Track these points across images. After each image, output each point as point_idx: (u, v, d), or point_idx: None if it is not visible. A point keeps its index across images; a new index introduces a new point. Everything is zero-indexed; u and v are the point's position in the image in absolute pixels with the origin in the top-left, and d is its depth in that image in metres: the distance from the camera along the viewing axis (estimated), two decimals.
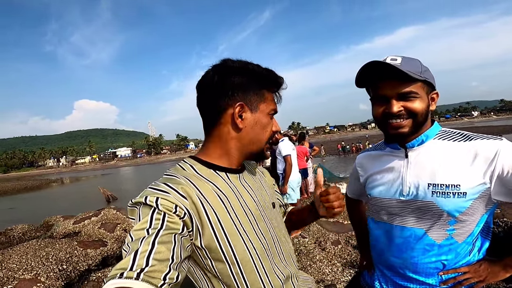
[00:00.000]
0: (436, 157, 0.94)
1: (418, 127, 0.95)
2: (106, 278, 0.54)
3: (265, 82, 0.85)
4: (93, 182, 33.64)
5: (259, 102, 0.83)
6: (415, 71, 0.89)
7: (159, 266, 0.56)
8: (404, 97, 0.91)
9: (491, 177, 0.87)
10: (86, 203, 14.17)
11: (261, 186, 0.95)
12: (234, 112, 0.80)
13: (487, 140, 0.89)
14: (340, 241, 3.92)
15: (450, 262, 0.96)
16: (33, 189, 33.73)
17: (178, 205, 0.67)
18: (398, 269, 1.04)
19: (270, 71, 0.86)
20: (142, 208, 0.67)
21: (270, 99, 0.87)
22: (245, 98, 0.81)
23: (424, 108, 0.92)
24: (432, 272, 0.98)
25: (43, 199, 22.01)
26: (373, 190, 1.09)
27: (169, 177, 0.75)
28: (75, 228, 5.33)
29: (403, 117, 0.93)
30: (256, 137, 0.84)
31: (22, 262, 3.17)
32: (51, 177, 61.77)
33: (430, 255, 0.96)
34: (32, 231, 6.03)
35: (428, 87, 0.94)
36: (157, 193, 0.67)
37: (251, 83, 0.82)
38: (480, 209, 0.91)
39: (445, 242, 0.94)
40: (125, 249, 0.60)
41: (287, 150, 4.12)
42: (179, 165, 0.83)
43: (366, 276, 1.23)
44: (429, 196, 0.92)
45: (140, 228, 0.62)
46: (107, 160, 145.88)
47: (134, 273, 0.53)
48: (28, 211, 14.96)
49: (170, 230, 0.63)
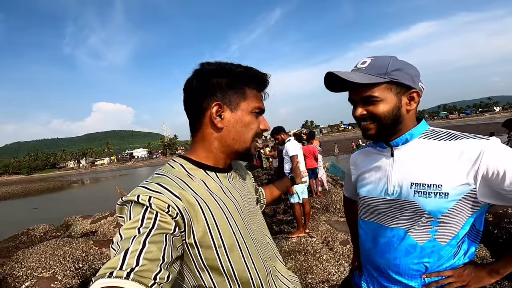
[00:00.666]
0: (420, 156, 0.93)
1: (386, 129, 0.95)
2: (94, 277, 0.53)
3: (245, 79, 0.84)
4: (111, 182, 34.53)
5: (240, 101, 0.83)
6: (378, 74, 0.90)
7: (149, 265, 0.55)
8: (367, 101, 0.93)
9: (475, 178, 0.84)
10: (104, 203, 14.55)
11: (247, 185, 0.99)
12: (211, 112, 0.81)
13: (473, 139, 0.87)
14: (349, 241, 3.90)
15: (433, 264, 0.94)
16: (55, 190, 34.95)
17: (171, 204, 0.66)
18: (383, 269, 1.03)
19: (248, 68, 0.85)
20: (134, 206, 0.66)
21: (252, 96, 0.86)
22: (224, 98, 0.82)
23: (388, 110, 0.92)
24: (415, 274, 0.96)
25: (64, 200, 22.78)
26: (361, 188, 1.10)
27: (160, 177, 0.75)
28: (92, 228, 5.54)
29: (368, 120, 0.95)
30: (238, 136, 0.84)
31: (41, 261, 3.34)
32: (72, 178, 63.80)
33: (412, 256, 0.95)
34: (52, 231, 6.30)
35: (399, 87, 0.92)
36: (150, 192, 0.67)
37: (230, 82, 0.83)
38: (465, 211, 0.89)
39: (427, 244, 0.92)
40: (114, 247, 0.59)
41: (294, 151, 4.14)
42: (169, 165, 0.83)
43: (356, 277, 1.24)
44: (411, 195, 0.92)
45: (131, 227, 0.61)
46: (125, 161, 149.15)
47: (124, 273, 0.52)
48: (50, 211, 15.56)
49: (161, 230, 0.62)
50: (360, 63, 0.94)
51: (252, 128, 0.86)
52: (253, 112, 0.86)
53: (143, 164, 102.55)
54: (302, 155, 4.44)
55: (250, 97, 0.85)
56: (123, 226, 0.63)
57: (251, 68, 0.86)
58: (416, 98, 0.94)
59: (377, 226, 1.04)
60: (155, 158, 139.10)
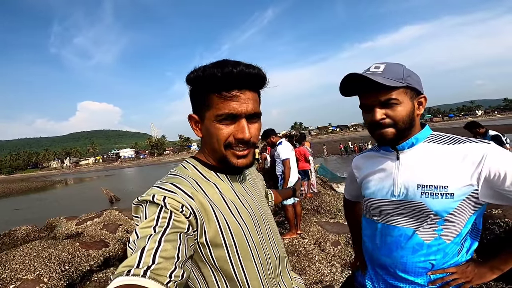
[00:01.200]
0: (426, 159, 0.98)
1: (402, 132, 0.98)
2: (112, 275, 0.55)
3: (205, 85, 0.75)
4: (96, 183, 33.85)
5: (205, 110, 0.78)
6: (396, 78, 0.93)
7: (165, 263, 0.56)
8: (386, 105, 0.96)
9: (478, 179, 0.90)
10: (90, 204, 14.27)
11: (258, 189, 0.99)
12: (190, 123, 0.83)
13: (475, 143, 0.93)
14: (340, 242, 3.93)
15: (439, 262, 0.98)
16: (38, 190, 34.00)
17: (184, 204, 0.68)
18: (389, 268, 1.07)
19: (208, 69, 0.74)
20: (149, 206, 0.67)
21: (218, 102, 0.74)
22: (195, 108, 0.81)
23: (406, 114, 0.96)
24: (421, 271, 1.00)
25: (47, 200, 22.17)
26: (366, 190, 1.13)
27: (174, 177, 0.77)
28: (78, 229, 5.38)
29: (387, 124, 0.97)
30: (211, 147, 0.81)
31: (25, 263, 3.22)
32: (55, 178, 62.22)
33: (419, 254, 0.99)
34: (35, 232, 6.10)
35: (412, 92, 0.97)
36: (164, 192, 0.68)
37: (193, 91, 0.80)
38: (468, 210, 0.94)
39: (433, 242, 0.97)
40: (131, 246, 0.60)
41: (286, 154, 4.13)
42: (182, 165, 0.84)
43: (359, 276, 1.26)
44: (418, 196, 0.96)
45: (146, 226, 0.62)
46: (111, 161, 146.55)
47: (141, 271, 0.53)
48: (33, 212, 15.12)
49: (176, 229, 0.63)
50: (374, 68, 0.97)
51: (219, 138, 0.77)
52: (218, 121, 0.75)
53: (130, 164, 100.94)
54: (294, 158, 4.44)
55: (213, 103, 0.75)
56: (139, 225, 0.64)
57: (210, 66, 0.74)
58: (424, 103, 1.00)
59: (383, 226, 1.07)
60: (143, 158, 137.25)
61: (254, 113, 0.78)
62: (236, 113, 0.75)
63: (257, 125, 0.81)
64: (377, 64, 0.97)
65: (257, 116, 0.81)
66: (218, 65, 0.73)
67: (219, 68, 0.72)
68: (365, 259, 1.21)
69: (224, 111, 0.74)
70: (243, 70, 0.73)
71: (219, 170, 0.84)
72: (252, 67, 0.75)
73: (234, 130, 0.76)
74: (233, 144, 0.77)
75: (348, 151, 33.22)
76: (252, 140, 0.79)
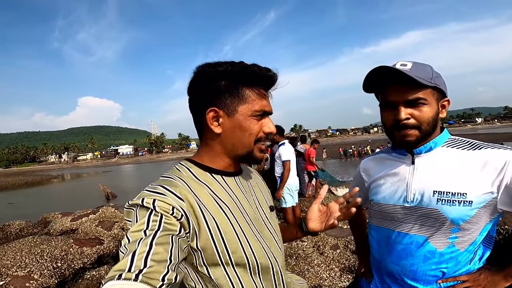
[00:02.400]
0: (443, 164, 0.93)
1: (426, 135, 0.93)
2: (103, 279, 0.54)
3: (242, 80, 0.78)
4: (94, 179, 33.74)
5: (238, 104, 0.78)
6: (425, 77, 0.88)
7: (157, 267, 0.56)
8: (412, 104, 0.90)
9: (498, 187, 0.87)
10: (86, 200, 14.19)
11: (258, 190, 0.95)
12: (208, 118, 0.79)
13: (497, 149, 0.89)
14: (339, 246, 3.87)
15: (450, 270, 0.95)
16: (34, 184, 33.85)
17: (175, 206, 0.67)
18: (397, 276, 1.02)
19: (246, 66, 0.78)
20: (139, 210, 0.67)
21: (253, 98, 0.79)
22: (220, 103, 0.78)
23: (432, 116, 0.91)
24: (431, 280, 0.96)
25: (43, 195, 22.08)
26: (376, 195, 1.07)
27: (165, 179, 0.76)
28: (72, 226, 5.30)
29: (410, 126, 0.91)
30: (238, 141, 0.80)
31: (17, 259, 3.14)
32: (52, 173, 61.98)
33: (430, 262, 0.95)
34: (29, 228, 6.00)
35: (438, 94, 0.92)
36: (154, 195, 0.68)
37: (225, 85, 0.78)
38: (484, 218, 0.91)
39: (446, 250, 0.93)
40: (122, 250, 0.60)
41: (287, 156, 4.04)
42: (176, 168, 0.83)
43: (363, 283, 1.22)
44: (434, 203, 0.92)
45: (137, 230, 0.62)
46: (109, 158, 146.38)
47: (133, 274, 0.53)
48: (27, 207, 14.99)
49: (167, 231, 0.63)
50: (400, 65, 0.90)
51: (252, 133, 0.80)
52: (254, 116, 0.80)
53: (128, 161, 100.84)
54: (294, 161, 4.35)
55: (250, 99, 0.79)
56: (130, 229, 0.64)
57: (250, 65, 0.78)
58: (447, 107, 0.97)
59: (392, 233, 1.03)
60: (141, 156, 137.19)
61: (271, 113, 0.86)
62: (268, 111, 0.83)
63: None
64: (404, 62, 0.91)
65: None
66: (253, 65, 0.78)
67: (255, 67, 0.77)
68: (372, 266, 1.17)
69: (261, 107, 0.80)
70: (274, 76, 0.81)
71: (215, 171, 0.83)
72: (276, 75, 0.82)
73: (262, 125, 0.82)
74: (262, 139, 0.82)
75: (347, 155, 33.20)
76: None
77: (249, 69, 0.77)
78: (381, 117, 1.00)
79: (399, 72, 0.86)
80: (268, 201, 0.97)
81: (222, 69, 0.77)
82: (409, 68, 0.88)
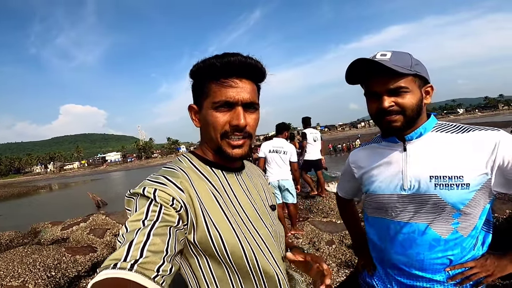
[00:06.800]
0: (436, 149, 0.93)
1: (411, 121, 0.94)
2: (99, 268, 0.53)
3: (204, 74, 0.78)
4: (82, 187, 33.05)
5: (202, 99, 0.79)
6: (404, 66, 0.89)
7: (153, 257, 0.55)
8: (395, 92, 0.92)
9: (492, 168, 0.87)
10: (76, 209, 13.87)
11: (260, 188, 0.93)
12: (190, 114, 0.83)
13: (485, 131, 0.90)
14: (334, 241, 3.92)
15: (457, 257, 0.93)
16: (21, 196, 32.93)
17: (175, 197, 0.67)
18: (403, 266, 1.00)
19: (207, 59, 0.76)
20: (139, 199, 0.66)
21: (215, 90, 0.76)
22: (194, 99, 0.83)
23: (415, 102, 0.92)
24: (439, 268, 0.95)
25: (31, 206, 21.49)
26: (371, 185, 1.06)
27: (167, 170, 0.76)
28: (63, 234, 5.21)
29: (395, 112, 0.93)
30: (207, 136, 0.81)
31: (9, 269, 3.08)
32: (39, 183, 60.40)
33: (437, 250, 0.94)
34: (19, 238, 5.88)
35: (420, 81, 0.93)
36: (155, 185, 0.67)
37: (194, 82, 0.82)
38: (482, 201, 0.91)
39: (451, 237, 0.92)
40: (119, 240, 0.59)
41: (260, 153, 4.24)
42: (178, 159, 0.84)
43: (366, 277, 1.19)
44: (432, 189, 0.91)
45: (136, 219, 0.61)
46: (97, 165, 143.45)
47: (128, 264, 0.52)
48: (16, 218, 14.59)
49: (165, 222, 0.62)
50: (380, 55, 0.92)
51: (214, 126, 0.76)
52: (215, 108, 0.76)
53: (117, 168, 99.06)
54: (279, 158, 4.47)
55: (211, 91, 0.76)
56: (129, 218, 0.63)
57: (210, 57, 0.76)
58: (431, 93, 0.97)
59: (392, 223, 1.01)
60: (130, 162, 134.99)
61: (250, 102, 0.77)
62: (233, 100, 0.75)
63: (255, 115, 0.80)
64: (384, 52, 0.93)
65: (254, 107, 0.80)
66: (218, 56, 0.76)
67: (218, 58, 0.74)
68: (374, 259, 1.14)
69: (221, 98, 0.75)
70: (241, 59, 0.74)
71: (215, 166, 0.82)
72: (250, 58, 0.76)
73: (230, 118, 0.76)
74: (229, 133, 0.77)
75: (337, 151, 33.55)
76: (248, 129, 0.78)
77: (208, 61, 0.75)
78: (367, 106, 1.00)
79: (378, 63, 0.88)
80: (270, 200, 0.94)
81: (192, 69, 0.81)
82: (388, 58, 0.90)
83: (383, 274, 1.10)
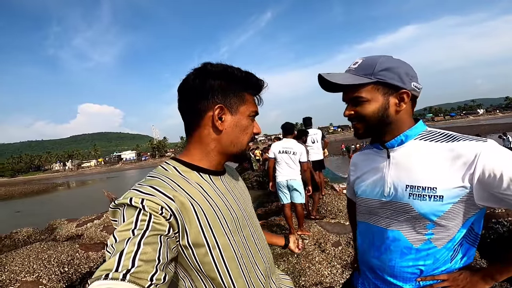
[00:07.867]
0: (415, 158, 0.91)
1: (374, 129, 0.95)
2: (90, 279, 0.53)
3: (245, 85, 0.85)
4: (98, 185, 33.86)
5: (239, 105, 0.84)
6: (364, 74, 0.90)
7: (145, 267, 0.55)
8: (355, 102, 0.94)
9: (471, 181, 0.82)
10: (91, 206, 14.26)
11: (242, 189, 0.99)
12: (213, 114, 0.81)
13: (469, 141, 0.84)
14: (341, 243, 3.88)
15: (428, 268, 0.92)
16: (40, 192, 34.08)
17: (164, 206, 0.66)
18: (377, 271, 1.02)
19: (249, 74, 0.86)
20: (127, 209, 0.65)
21: (251, 101, 0.87)
22: (225, 101, 0.82)
23: (375, 110, 0.92)
24: (410, 277, 0.95)
25: (49, 203, 22.22)
26: (359, 190, 1.09)
27: (153, 179, 0.75)
28: (78, 231, 5.38)
29: (356, 120, 0.97)
30: (236, 139, 0.85)
31: (25, 265, 3.21)
32: (58, 181, 62.34)
33: (408, 259, 0.93)
34: (36, 234, 6.10)
35: (386, 88, 0.90)
36: (142, 195, 0.66)
37: (231, 86, 0.83)
38: (462, 214, 0.87)
39: (423, 247, 0.91)
40: (109, 250, 0.59)
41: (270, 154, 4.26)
42: (162, 167, 0.82)
43: (355, 278, 1.22)
44: (406, 198, 0.90)
45: (124, 229, 0.61)
46: (112, 164, 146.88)
47: (120, 274, 0.52)
48: (34, 214, 15.13)
49: (156, 231, 0.62)
50: (352, 64, 0.95)
51: (248, 132, 0.88)
52: (250, 116, 0.88)
53: (132, 167, 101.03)
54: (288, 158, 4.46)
55: (249, 101, 0.87)
56: (117, 228, 0.62)
57: (251, 74, 0.87)
58: (406, 99, 0.91)
59: (373, 228, 1.03)
60: (144, 161, 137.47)
61: None
62: (257, 113, 0.91)
63: None
64: (357, 60, 0.95)
65: None
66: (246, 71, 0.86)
67: (249, 74, 0.86)
68: (358, 261, 1.17)
69: (255, 109, 0.89)
70: (262, 83, 0.90)
71: (202, 170, 0.84)
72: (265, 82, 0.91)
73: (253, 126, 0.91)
74: (252, 138, 0.91)
75: (350, 151, 33.09)
76: None
77: (252, 76, 0.87)
78: None
79: (325, 79, 0.93)
80: (249, 199, 1.01)
81: (231, 71, 0.83)
82: (355, 66, 0.93)
83: (364, 277, 1.12)
